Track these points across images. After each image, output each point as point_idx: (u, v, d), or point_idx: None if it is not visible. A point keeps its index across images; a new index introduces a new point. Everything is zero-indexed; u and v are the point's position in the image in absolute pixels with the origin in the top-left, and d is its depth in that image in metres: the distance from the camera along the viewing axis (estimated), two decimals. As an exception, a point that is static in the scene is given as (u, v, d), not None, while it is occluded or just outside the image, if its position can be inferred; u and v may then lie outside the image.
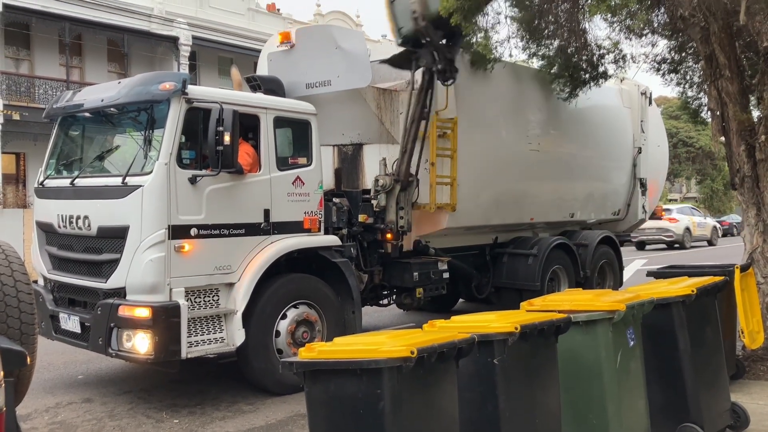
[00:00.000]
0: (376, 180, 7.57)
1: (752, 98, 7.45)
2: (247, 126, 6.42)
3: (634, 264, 18.21)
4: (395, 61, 7.69)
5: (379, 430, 3.04)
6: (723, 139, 7.35)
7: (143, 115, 6.15)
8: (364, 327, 8.19)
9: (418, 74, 7.95)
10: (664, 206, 24.76)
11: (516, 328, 3.62)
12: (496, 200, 8.98)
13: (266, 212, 6.30)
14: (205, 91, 6.16)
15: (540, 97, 9.73)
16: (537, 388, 3.85)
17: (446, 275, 8.36)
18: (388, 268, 7.94)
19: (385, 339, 3.23)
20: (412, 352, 3.00)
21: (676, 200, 49.81)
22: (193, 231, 5.82)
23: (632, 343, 4.32)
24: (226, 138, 5.72)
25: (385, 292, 8.37)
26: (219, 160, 5.77)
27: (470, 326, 3.72)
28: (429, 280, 8.09)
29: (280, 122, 6.57)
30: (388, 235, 7.76)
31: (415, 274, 7.91)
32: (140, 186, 5.72)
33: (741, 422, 5.04)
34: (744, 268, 6.09)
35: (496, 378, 3.63)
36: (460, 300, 11.02)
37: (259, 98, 6.67)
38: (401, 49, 7.83)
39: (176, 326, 5.58)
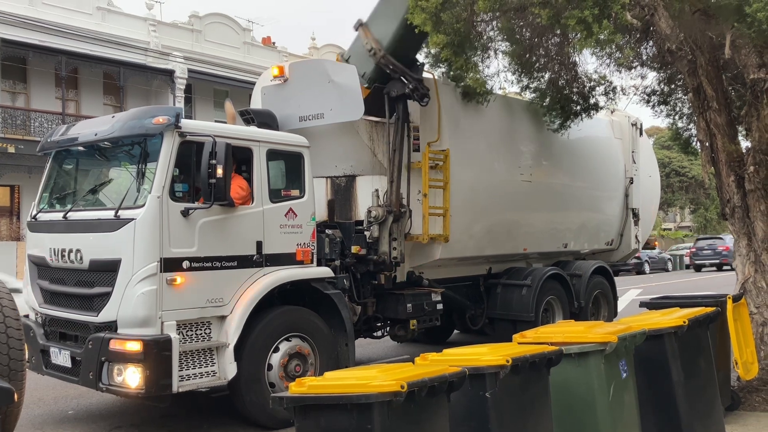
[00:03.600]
0: (369, 211, 7.60)
1: (740, 129, 7.55)
2: (240, 159, 6.45)
3: (629, 294, 18.19)
4: (372, 106, 7.77)
5: (370, 466, 3.01)
6: (713, 169, 7.42)
7: (136, 149, 6.18)
8: (358, 359, 8.14)
9: (414, 108, 8.07)
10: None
11: (507, 361, 3.61)
12: (489, 231, 9.01)
13: (259, 244, 6.30)
14: (198, 125, 6.21)
15: (532, 129, 9.83)
16: (530, 421, 3.83)
17: (440, 306, 8.34)
18: (381, 300, 7.92)
19: (375, 373, 3.22)
20: (402, 387, 2.99)
21: (670, 229, 50.00)
22: (186, 264, 5.81)
23: (625, 374, 4.30)
24: (219, 171, 5.75)
25: (379, 324, 8.33)
26: (212, 192, 5.79)
27: (462, 359, 3.71)
28: (422, 311, 8.07)
29: (273, 155, 6.61)
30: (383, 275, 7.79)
31: (409, 305, 7.89)
32: (133, 219, 5.72)
33: (736, 454, 5.00)
34: (736, 299, 6.11)
35: (488, 411, 3.61)
36: (455, 331, 10.97)
37: (252, 131, 6.72)
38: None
39: (167, 360, 5.54)
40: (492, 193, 9.03)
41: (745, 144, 7.31)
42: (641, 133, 11.98)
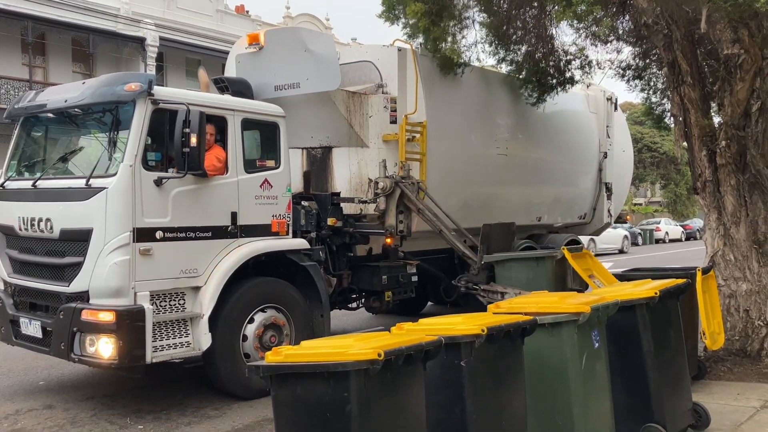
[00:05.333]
0: (376, 182, 7.50)
1: (713, 104, 7.63)
2: (215, 128, 6.34)
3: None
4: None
5: (346, 433, 3.03)
6: (685, 144, 7.51)
7: (108, 117, 6.05)
8: (333, 330, 8.15)
9: (391, 79, 7.98)
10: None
11: (483, 330, 3.63)
12: (464, 204, 9.04)
13: (233, 215, 6.24)
14: (171, 92, 6.08)
15: (508, 102, 9.84)
16: (504, 390, 3.87)
17: (415, 278, 8.38)
18: (357, 272, 7.93)
19: (352, 342, 3.22)
20: (380, 355, 3.00)
21: (641, 204, 50.74)
22: (159, 234, 5.74)
23: (597, 344, 4.37)
24: (193, 140, 5.65)
25: (354, 296, 8.36)
26: (185, 162, 5.70)
27: (437, 329, 3.73)
28: (398, 283, 8.10)
29: (247, 124, 6.52)
30: (388, 240, 7.72)
31: (384, 277, 7.91)
32: (104, 188, 5.62)
33: (702, 422, 5.14)
34: (705, 271, 6.22)
35: (463, 380, 3.64)
36: (429, 303, 11.05)
37: (227, 100, 6.61)
38: (371, 52, 7.90)
39: (141, 330, 5.49)
40: (468, 166, 9.05)
41: (717, 119, 7.39)
42: (616, 108, 12.07)
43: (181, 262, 5.88)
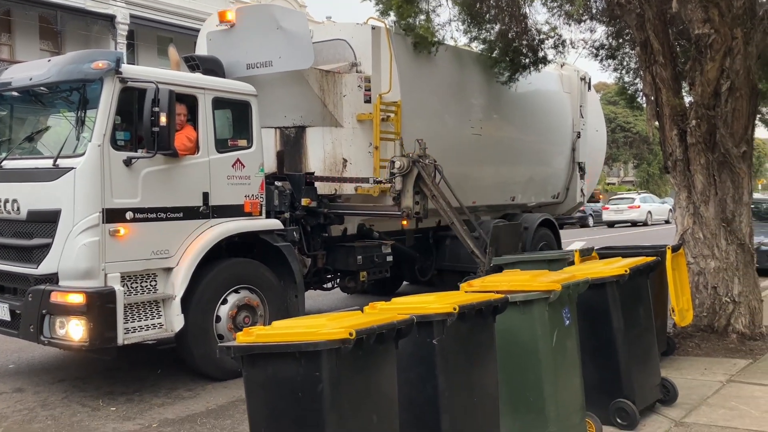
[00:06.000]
0: (392, 162, 7.37)
1: (684, 84, 7.70)
2: (185, 107, 6.25)
3: (573, 246, 18.62)
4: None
5: (318, 413, 3.03)
6: (657, 123, 7.57)
7: (75, 95, 5.93)
8: (308, 310, 8.15)
9: (365, 58, 7.90)
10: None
11: (454, 309, 3.64)
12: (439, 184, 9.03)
13: (205, 195, 6.17)
14: (140, 70, 5.97)
15: (482, 82, 9.83)
16: (475, 368, 3.91)
17: (390, 258, 8.40)
18: (331, 252, 7.92)
19: (324, 321, 3.21)
20: (351, 334, 2.99)
21: (614, 184, 51.30)
22: (129, 214, 5.66)
23: (568, 322, 4.42)
24: (162, 119, 5.56)
25: (329, 276, 8.35)
26: (155, 141, 5.61)
27: (410, 307, 3.73)
28: (372, 263, 8.11)
29: (219, 103, 6.43)
30: (404, 222, 7.54)
31: (359, 257, 7.91)
32: (72, 168, 5.52)
33: (670, 396, 5.24)
34: (675, 249, 6.32)
35: (435, 358, 3.66)
36: (405, 283, 11.10)
37: (197, 78, 6.50)
38: (345, 30, 7.81)
39: (111, 312, 5.43)
40: (442, 146, 9.00)
41: (688, 98, 7.46)
42: (589, 88, 12.13)
43: (152, 243, 5.81)
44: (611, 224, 31.63)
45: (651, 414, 5.02)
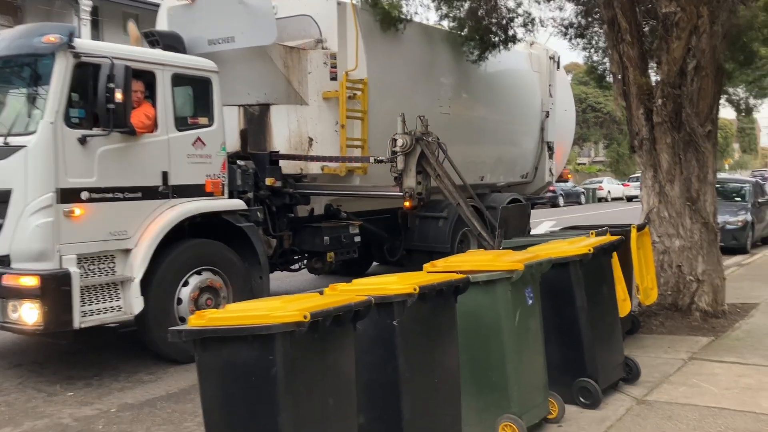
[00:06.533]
0: (394, 140, 7.10)
1: (652, 63, 7.69)
2: (144, 84, 6.05)
3: (543, 225, 18.76)
4: None
5: (273, 397, 2.95)
6: (624, 102, 7.55)
7: (26, 71, 5.74)
8: (277, 292, 8.05)
9: (331, 35, 7.72)
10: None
11: (415, 290, 3.59)
12: (407, 163, 8.94)
13: (164, 175, 6.00)
14: (93, 45, 5.77)
15: (451, 60, 9.72)
16: (437, 349, 3.86)
17: (357, 239, 8.32)
18: (298, 233, 7.82)
19: (278, 304, 3.12)
20: (305, 317, 2.91)
21: (584, 164, 51.76)
22: (84, 194, 5.48)
23: (530, 301, 4.39)
24: (118, 96, 5.38)
25: (296, 257, 8.25)
26: (110, 119, 5.43)
27: (370, 289, 3.66)
28: (340, 244, 8.02)
29: (178, 80, 6.24)
30: (407, 203, 7.25)
31: (326, 238, 7.82)
32: (24, 146, 5.33)
33: (633, 375, 5.26)
34: (640, 228, 6.32)
35: (395, 340, 3.60)
36: (374, 263, 11.03)
37: (155, 54, 6.30)
38: (310, 6, 7.62)
39: (67, 295, 5.27)
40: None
41: (655, 77, 7.46)
42: (559, 67, 12.10)
43: (110, 223, 5.65)
44: (630, 198, 35.13)
45: (614, 392, 5.04)
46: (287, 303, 3.12)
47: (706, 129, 7.09)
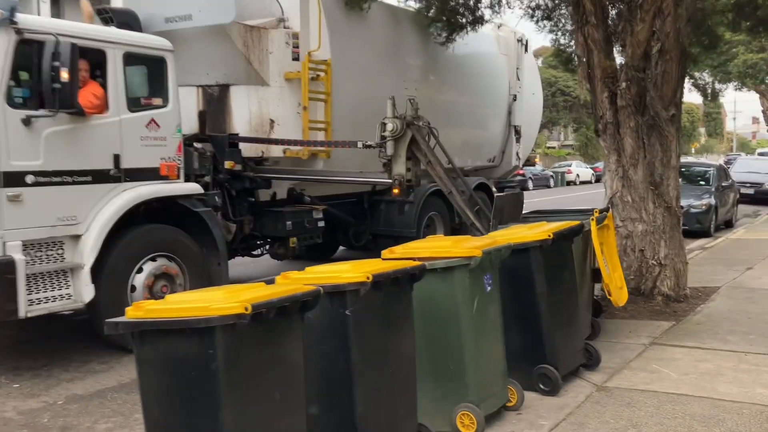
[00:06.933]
0: (383, 124, 6.89)
1: (617, 46, 7.62)
2: (92, 62, 5.81)
3: (512, 209, 18.78)
4: None
5: (213, 393, 2.82)
6: (589, 85, 7.49)
7: (-35, 48, 5.40)
8: (239, 278, 7.89)
9: (293, 13, 7.51)
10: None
11: (368, 278, 3.47)
12: (372, 147, 8.80)
13: (116, 158, 5.77)
14: (38, 21, 5.49)
15: (418, 42, 9.58)
16: (392, 338, 3.76)
17: (321, 224, 8.18)
18: (259, 218, 7.64)
19: (219, 295, 2.98)
20: (247, 309, 2.77)
21: (554, 147, 52.09)
22: (30, 178, 5.24)
23: (489, 288, 4.31)
24: (63, 74, 5.13)
25: (259, 242, 8.08)
26: (56, 99, 5.18)
27: (322, 277, 3.55)
28: (303, 229, 7.87)
29: (130, 59, 5.99)
30: (395, 191, 7.06)
31: (288, 223, 7.66)
32: (-37, 128, 5.06)
33: (593, 360, 5.23)
34: (600, 221, 6.16)
35: (348, 330, 3.49)
36: (341, 248, 10.90)
37: (105, 31, 6.03)
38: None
39: (11, 283, 5.04)
40: (376, 108, 8.73)
41: (620, 60, 7.39)
42: (527, 50, 12.01)
43: (58, 208, 5.42)
44: (599, 180, 34.10)
45: (574, 379, 5.00)
46: (229, 294, 2.98)
47: (670, 113, 7.06)
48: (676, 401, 4.52)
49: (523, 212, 6.41)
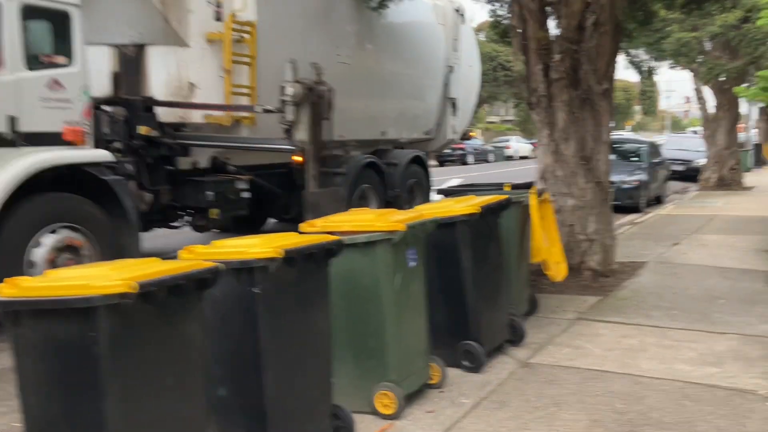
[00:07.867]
0: (283, 87, 6.51)
1: (553, 18, 7.48)
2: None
3: (451, 182, 18.72)
4: None
5: (96, 379, 2.52)
6: (524, 57, 7.35)
7: None
8: (161, 251, 7.45)
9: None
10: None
11: (279, 254, 3.21)
12: (302, 114, 8.46)
13: (12, 120, 5.28)
14: None
15: (352, 7, 9.25)
16: (306, 318, 3.52)
17: (246, 195, 7.83)
18: (178, 187, 7.23)
19: (105, 272, 2.67)
20: (133, 287, 2.48)
21: (495, 122, 52.56)
22: None
23: (413, 263, 4.12)
24: (-53, 24, 4.61)
25: (179, 213, 7.67)
26: (-62, 53, 4.67)
27: (229, 252, 3.27)
28: (225, 199, 7.50)
29: (29, 12, 5.46)
30: (298, 158, 6.73)
31: (209, 193, 7.29)
32: None
33: (518, 336, 5.14)
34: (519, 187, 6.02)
35: (257, 308, 3.24)
36: (273, 220, 10.56)
37: (0, -20, 5.48)
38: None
39: None
40: (306, 74, 8.41)
41: (555, 33, 7.26)
42: (464, 21, 11.81)
43: (-57, 175, 4.92)
44: None
45: (499, 355, 4.90)
46: (115, 271, 2.67)
47: (603, 87, 7.00)
48: (598, 378, 4.46)
49: (449, 186, 6.23)
